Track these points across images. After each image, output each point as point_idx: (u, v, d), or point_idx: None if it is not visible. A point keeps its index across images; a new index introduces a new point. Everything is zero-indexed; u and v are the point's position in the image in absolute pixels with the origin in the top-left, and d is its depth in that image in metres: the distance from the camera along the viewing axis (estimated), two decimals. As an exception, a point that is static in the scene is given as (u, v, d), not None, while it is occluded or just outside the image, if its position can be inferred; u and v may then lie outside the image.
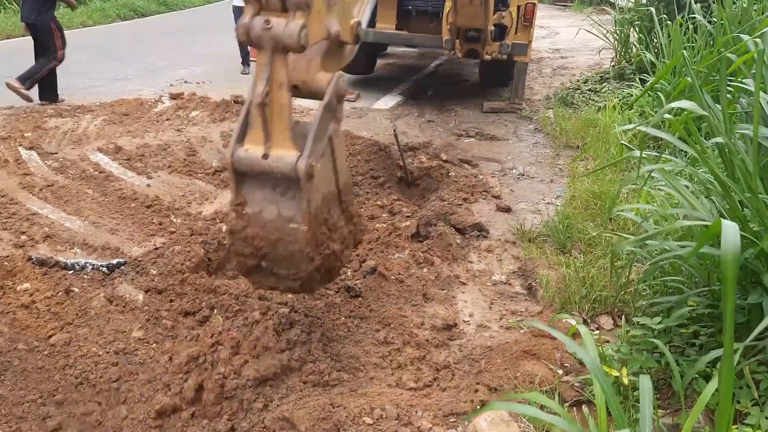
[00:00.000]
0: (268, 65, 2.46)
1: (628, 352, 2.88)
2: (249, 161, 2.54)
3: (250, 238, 2.70)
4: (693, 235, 3.01)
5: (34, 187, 4.97)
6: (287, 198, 2.60)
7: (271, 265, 2.77)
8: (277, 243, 2.67)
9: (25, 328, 3.53)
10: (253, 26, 2.42)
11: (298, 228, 2.61)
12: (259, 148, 2.54)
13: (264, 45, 2.44)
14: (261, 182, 2.62)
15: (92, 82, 9.15)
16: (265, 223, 2.65)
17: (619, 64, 9.53)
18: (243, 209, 2.67)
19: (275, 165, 2.52)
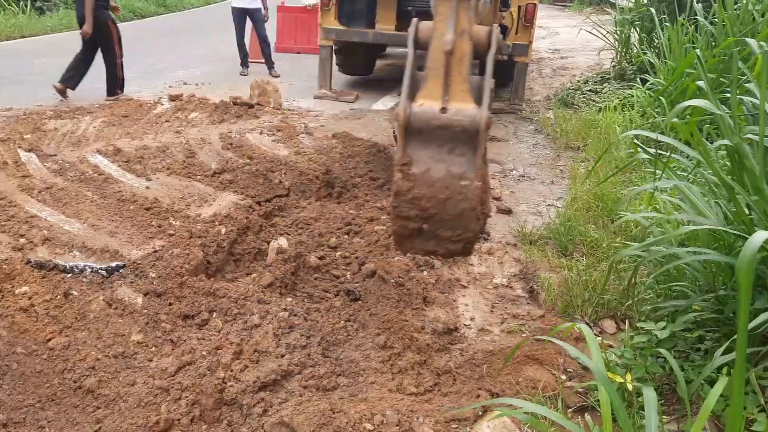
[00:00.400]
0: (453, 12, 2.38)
1: (632, 358, 2.85)
2: (425, 116, 2.46)
3: (417, 199, 2.60)
4: (698, 239, 2.98)
5: (33, 190, 4.94)
6: (456, 155, 2.54)
7: (435, 227, 2.67)
8: (446, 202, 2.58)
9: (24, 332, 3.50)
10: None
11: (470, 184, 2.54)
12: (437, 102, 2.46)
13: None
14: (428, 141, 2.55)
15: (91, 83, 9.10)
16: (433, 182, 2.57)
17: (620, 64, 9.51)
18: (409, 169, 2.58)
19: (455, 118, 2.45)
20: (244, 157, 5.98)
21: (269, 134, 6.75)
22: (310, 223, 5.07)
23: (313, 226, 5.02)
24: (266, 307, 3.75)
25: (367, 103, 8.89)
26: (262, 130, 6.84)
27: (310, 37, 11.96)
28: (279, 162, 5.95)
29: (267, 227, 4.96)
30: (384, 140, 6.74)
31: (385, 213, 5.20)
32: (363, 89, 9.57)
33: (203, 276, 4.15)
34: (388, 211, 3.65)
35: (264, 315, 3.67)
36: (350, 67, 10.04)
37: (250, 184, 5.48)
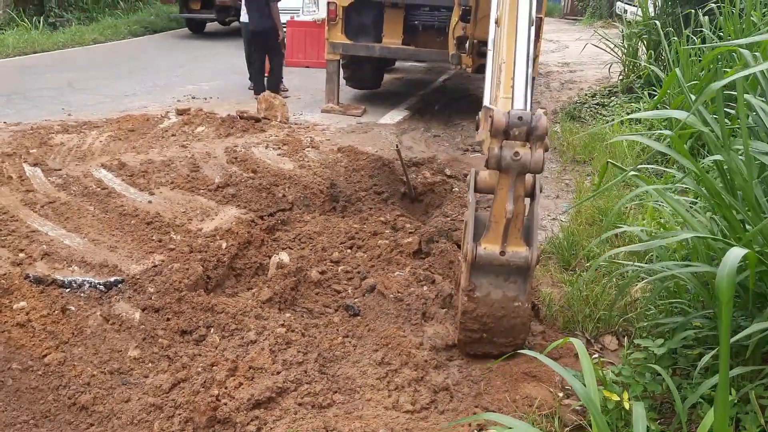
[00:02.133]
0: (513, 186, 3.03)
1: (631, 375, 2.79)
2: (488, 257, 3.15)
3: (480, 317, 3.29)
4: (697, 254, 2.93)
5: (35, 204, 4.96)
6: (510, 282, 3.23)
7: (491, 336, 3.36)
8: (501, 318, 3.28)
9: (20, 347, 3.50)
10: (504, 157, 2.97)
11: (521, 306, 3.25)
12: (496, 246, 3.13)
13: (512, 171, 3.00)
14: (489, 273, 3.23)
15: (100, 98, 9.20)
16: (492, 303, 3.26)
17: (627, 77, 9.47)
18: (474, 293, 3.26)
19: (512, 259, 3.14)
20: (248, 171, 5.99)
21: (275, 148, 6.76)
22: (313, 237, 5.05)
23: (315, 240, 5.00)
24: (263, 323, 3.72)
25: (374, 117, 8.89)
26: (268, 144, 6.85)
27: (320, 52, 12.00)
28: (283, 176, 5.95)
29: (269, 241, 4.94)
30: (389, 154, 6.73)
31: (389, 227, 5.18)
32: (370, 103, 9.58)
33: (202, 291, 4.13)
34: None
35: (261, 331, 3.64)
36: (358, 81, 10.06)
37: (253, 198, 5.48)
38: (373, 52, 8.77)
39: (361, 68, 9.68)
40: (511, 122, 2.94)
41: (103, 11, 17.39)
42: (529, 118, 2.95)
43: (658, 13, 9.51)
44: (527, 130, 2.94)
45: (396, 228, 5.17)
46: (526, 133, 2.95)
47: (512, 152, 2.95)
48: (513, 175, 3.01)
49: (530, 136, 2.95)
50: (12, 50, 12.91)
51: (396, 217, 5.39)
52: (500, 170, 3.01)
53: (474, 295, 3.26)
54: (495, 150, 2.97)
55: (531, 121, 2.93)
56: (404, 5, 8.57)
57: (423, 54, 9.08)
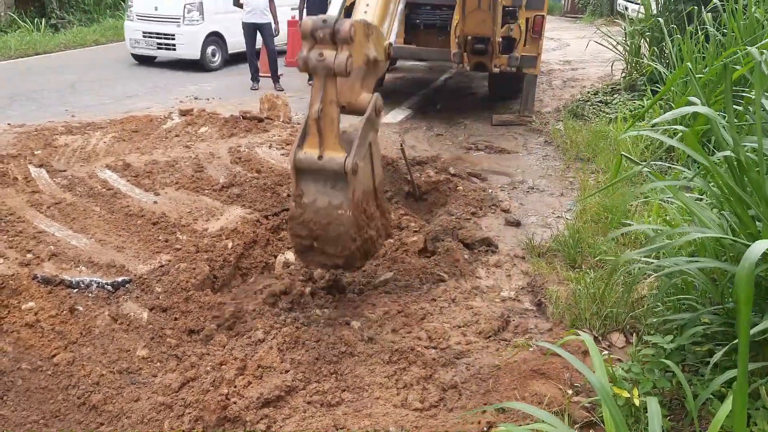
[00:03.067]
0: (322, 87, 3.14)
1: (640, 372, 2.79)
2: (307, 161, 3.25)
3: (306, 222, 3.38)
4: (705, 251, 2.93)
5: (42, 205, 4.97)
6: (336, 190, 3.29)
7: (322, 245, 3.44)
8: (327, 226, 3.35)
9: (29, 348, 3.50)
10: (310, 58, 3.11)
11: (344, 213, 3.31)
12: (315, 151, 3.24)
13: (318, 72, 3.13)
14: (315, 178, 3.31)
15: (103, 99, 9.20)
16: (317, 210, 3.34)
17: (630, 75, 9.46)
18: (301, 200, 3.36)
19: (328, 164, 3.22)
20: (252, 171, 6.00)
21: (278, 148, 6.77)
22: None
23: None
24: (270, 322, 3.73)
25: (376, 117, 8.88)
26: (271, 144, 6.86)
27: (320, 52, 12.03)
28: (287, 175, 5.95)
29: (274, 241, 4.95)
30: (393, 153, 6.73)
31: (393, 226, 5.18)
32: (372, 102, 9.57)
33: (209, 290, 4.14)
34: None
35: (268, 330, 3.65)
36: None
37: (257, 197, 5.49)
38: (375, 52, 8.76)
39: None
40: (315, 24, 3.13)
41: (104, 12, 17.40)
42: (332, 21, 3.12)
43: (660, 10, 9.51)
44: (331, 32, 3.10)
45: (401, 227, 5.18)
46: (330, 36, 3.10)
47: (318, 53, 3.11)
48: (321, 76, 3.14)
49: (334, 38, 3.10)
50: (14, 52, 12.93)
51: (400, 216, 5.40)
52: (308, 72, 3.20)
53: (301, 201, 3.36)
54: (303, 52, 3.17)
55: (335, 25, 3.10)
56: (408, 4, 8.57)
57: (425, 53, 9.08)
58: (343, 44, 3.12)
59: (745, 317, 1.61)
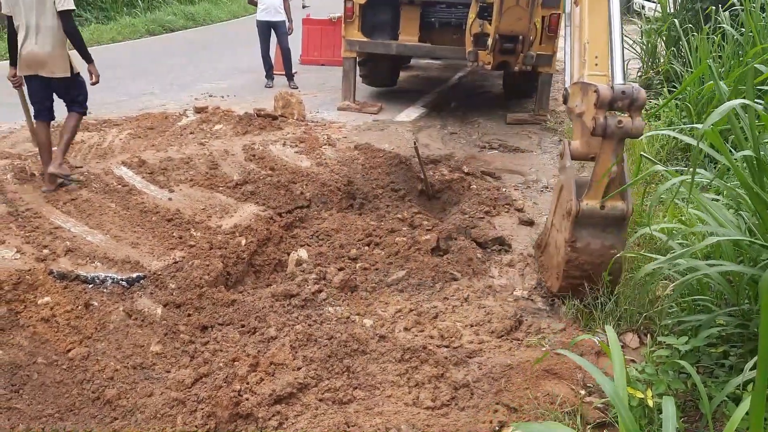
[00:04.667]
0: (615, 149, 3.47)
1: (654, 373, 2.77)
2: (591, 211, 3.60)
3: (581, 265, 3.71)
4: (721, 252, 2.90)
5: (58, 201, 5.02)
6: (607, 233, 3.66)
7: (590, 282, 3.73)
8: (600, 265, 3.66)
9: (45, 342, 3.55)
10: (609, 125, 3.39)
11: (617, 252, 3.59)
12: (595, 202, 3.58)
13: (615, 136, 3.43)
14: (589, 225, 3.66)
15: (119, 96, 9.27)
16: (592, 252, 3.68)
17: (647, 74, 9.38)
18: (576, 244, 3.68)
19: (611, 212, 3.60)
20: (266, 169, 6.02)
21: (292, 146, 6.79)
22: (331, 234, 5.06)
23: (333, 237, 5.02)
24: (283, 319, 3.74)
25: (390, 115, 8.88)
26: (285, 142, 6.88)
27: (335, 50, 12.02)
28: (301, 173, 5.97)
29: (287, 238, 4.97)
30: (406, 152, 6.73)
31: (406, 224, 5.18)
32: (386, 100, 9.57)
33: (222, 287, 4.17)
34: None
35: (281, 327, 3.66)
36: (374, 78, 10.05)
37: (271, 195, 5.51)
38: (389, 50, 8.76)
39: (378, 66, 9.66)
40: (616, 95, 3.40)
41: (121, 10, 17.52)
42: (631, 91, 3.41)
43: (677, 9, 9.42)
44: (629, 102, 3.40)
45: (413, 225, 5.18)
46: (628, 105, 3.41)
47: (617, 121, 3.40)
48: (616, 140, 3.45)
49: (631, 107, 3.42)
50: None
51: (413, 214, 5.40)
52: (604, 137, 3.44)
53: (576, 246, 3.68)
54: (600, 119, 3.42)
55: (633, 94, 3.40)
56: (421, 2, 8.55)
57: (439, 51, 9.05)
58: (638, 111, 3.43)
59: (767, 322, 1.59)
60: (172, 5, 19.05)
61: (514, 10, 6.59)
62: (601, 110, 3.43)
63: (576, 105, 3.84)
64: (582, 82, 3.82)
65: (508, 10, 6.57)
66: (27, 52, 5.13)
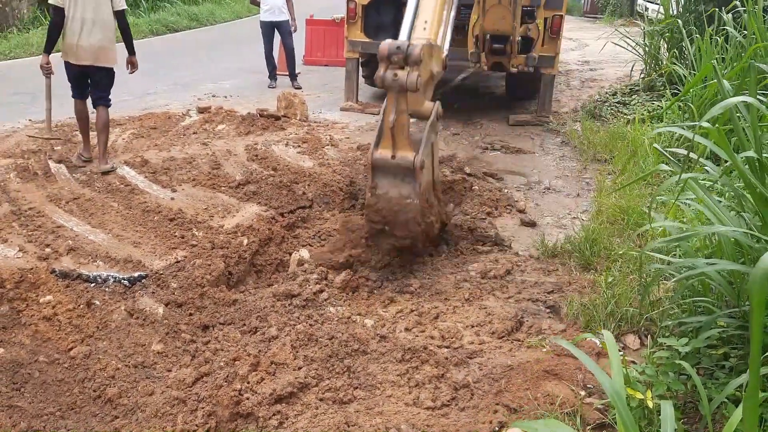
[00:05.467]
0: (395, 101, 3.80)
1: (654, 374, 2.77)
2: (382, 160, 3.93)
3: (379, 210, 4.04)
4: (722, 252, 2.90)
5: (60, 200, 5.04)
6: (405, 183, 3.96)
7: (391, 229, 4.10)
8: (397, 213, 4.01)
9: (46, 341, 3.56)
10: (386, 77, 3.77)
11: (411, 201, 3.98)
12: (389, 151, 3.93)
13: (393, 89, 3.78)
14: (387, 173, 3.98)
15: (123, 96, 9.26)
16: (389, 200, 4.00)
17: (649, 76, 9.37)
18: (375, 191, 4.03)
19: (400, 161, 3.91)
20: (268, 169, 6.03)
21: (294, 146, 6.80)
22: (333, 235, 5.07)
23: (335, 237, 5.02)
24: (284, 319, 3.75)
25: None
26: (288, 142, 6.89)
27: (338, 50, 12.03)
28: (303, 173, 5.98)
29: (289, 238, 4.97)
30: (408, 152, 6.72)
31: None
32: (389, 101, 9.57)
33: (224, 287, 4.18)
34: None
35: (282, 327, 3.67)
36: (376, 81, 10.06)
37: (273, 195, 5.51)
38: (392, 51, 8.77)
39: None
40: (391, 50, 3.78)
41: (125, 11, 17.54)
42: (405, 47, 3.76)
43: (680, 11, 9.41)
44: (404, 56, 3.75)
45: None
46: (403, 59, 3.74)
47: (393, 74, 3.75)
48: (395, 92, 3.79)
49: (407, 61, 3.74)
50: (36, 49, 13.03)
51: (416, 215, 5.39)
52: (384, 88, 3.82)
53: (376, 192, 4.03)
54: (380, 72, 3.80)
55: (406, 50, 3.75)
56: (423, 4, 8.56)
57: (442, 52, 9.05)
58: (413, 65, 3.75)
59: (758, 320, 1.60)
60: (175, 5, 19.04)
61: (496, 9, 6.63)
62: (382, 63, 3.78)
63: None
64: None
65: (490, 9, 6.62)
66: (81, 43, 5.62)
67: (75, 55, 5.66)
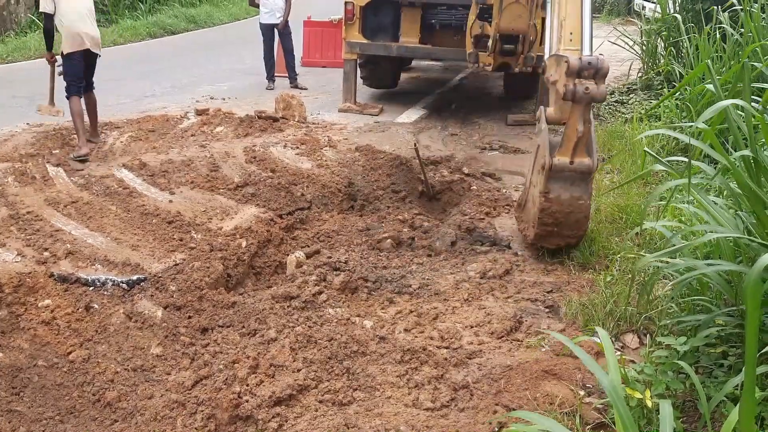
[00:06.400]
0: (583, 113, 4.01)
1: (653, 373, 2.77)
2: (562, 165, 4.14)
3: (553, 213, 4.23)
4: (720, 251, 2.90)
5: (59, 204, 5.04)
6: (575, 186, 4.20)
7: (561, 230, 4.33)
8: (569, 214, 4.23)
9: (45, 345, 3.56)
10: (577, 91, 3.95)
11: (585, 203, 4.23)
12: (567, 158, 4.12)
13: (583, 101, 3.97)
14: (560, 178, 4.18)
15: (121, 99, 9.28)
16: (562, 202, 4.21)
17: (647, 74, 9.38)
18: (549, 195, 4.21)
19: (578, 166, 4.14)
20: (267, 171, 6.03)
21: (293, 147, 6.80)
22: (332, 236, 5.08)
23: (334, 238, 5.03)
24: (283, 321, 3.75)
25: (391, 116, 8.89)
26: (286, 144, 6.89)
27: (336, 52, 12.02)
28: (302, 175, 5.99)
29: (288, 240, 4.98)
30: (407, 153, 6.73)
31: (407, 226, 5.19)
32: (387, 102, 9.58)
33: (223, 289, 4.18)
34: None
35: (281, 329, 3.67)
36: (375, 80, 10.06)
37: (272, 197, 5.52)
38: (390, 52, 8.77)
39: (378, 67, 9.67)
40: (583, 65, 3.95)
41: (123, 13, 17.51)
42: (596, 62, 3.97)
43: (677, 9, 9.41)
44: (594, 71, 3.95)
45: (414, 226, 5.19)
46: (593, 74, 3.96)
47: (584, 87, 3.93)
48: (583, 104, 3.98)
49: (596, 76, 3.97)
50: (34, 53, 13.05)
51: (414, 215, 5.40)
52: (574, 101, 3.97)
53: (549, 196, 4.20)
54: (570, 86, 3.97)
55: (597, 64, 3.96)
56: (421, 4, 8.56)
57: (440, 53, 9.05)
58: (601, 79, 3.99)
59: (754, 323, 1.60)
60: (173, 8, 19.04)
61: (514, 7, 6.61)
62: (571, 78, 3.95)
63: (551, 75, 4.31)
64: (557, 55, 4.32)
65: (508, 6, 6.59)
66: (85, 31, 6.25)
67: (82, 43, 6.21)
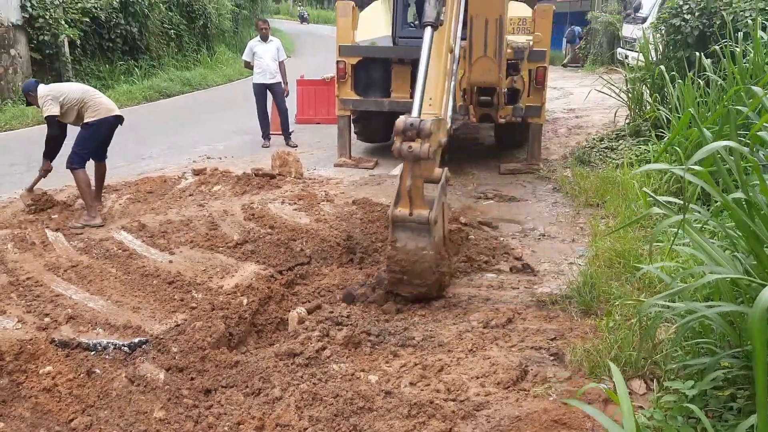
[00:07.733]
0: (411, 169, 4.38)
1: (663, 419, 2.76)
2: (401, 216, 4.47)
3: (399, 261, 4.50)
4: (720, 293, 2.93)
5: (59, 269, 5.04)
6: (421, 236, 4.45)
7: (409, 278, 4.55)
8: (414, 263, 4.48)
9: (47, 413, 3.51)
10: (402, 149, 4.36)
11: (428, 253, 4.46)
12: (406, 209, 4.45)
13: (408, 159, 4.35)
14: (405, 229, 4.48)
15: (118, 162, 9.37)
16: (408, 251, 4.47)
17: (634, 121, 9.57)
18: (395, 244, 4.50)
19: (416, 218, 4.43)
20: (265, 227, 6.07)
21: (290, 203, 6.86)
22: (332, 290, 5.07)
23: (335, 292, 5.02)
24: (287, 379, 3.72)
25: (386, 169, 9.01)
26: (284, 200, 6.95)
27: (329, 108, 12.27)
28: (300, 230, 6.02)
29: (289, 296, 4.97)
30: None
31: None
32: (382, 155, 9.72)
33: (225, 348, 4.15)
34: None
35: (286, 387, 3.63)
36: (368, 134, 10.23)
37: (271, 253, 5.54)
38: (382, 107, 8.96)
39: (371, 122, 9.86)
40: (405, 126, 4.37)
41: (119, 79, 17.83)
42: (417, 123, 4.35)
43: (660, 57, 9.67)
44: (416, 131, 4.35)
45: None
46: (416, 134, 4.35)
47: (407, 146, 4.34)
48: (409, 161, 4.36)
49: (419, 135, 4.33)
50: (31, 120, 13.24)
51: (414, 267, 5.41)
52: (400, 158, 4.39)
53: (396, 245, 4.50)
54: (396, 145, 4.39)
55: (417, 125, 4.34)
56: (411, 61, 8.78)
57: (430, 107, 9.24)
58: (425, 138, 4.34)
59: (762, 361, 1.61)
60: (168, 71, 19.42)
61: (482, 61, 6.84)
62: (398, 137, 4.39)
63: None
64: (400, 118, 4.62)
65: (477, 61, 6.82)
66: (109, 101, 6.72)
67: (113, 109, 6.63)
